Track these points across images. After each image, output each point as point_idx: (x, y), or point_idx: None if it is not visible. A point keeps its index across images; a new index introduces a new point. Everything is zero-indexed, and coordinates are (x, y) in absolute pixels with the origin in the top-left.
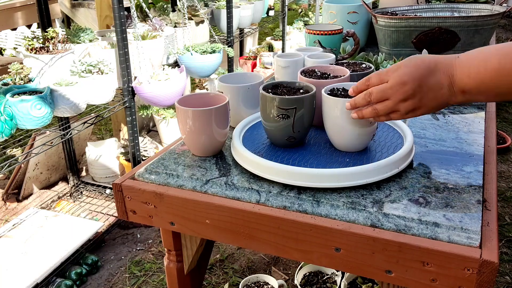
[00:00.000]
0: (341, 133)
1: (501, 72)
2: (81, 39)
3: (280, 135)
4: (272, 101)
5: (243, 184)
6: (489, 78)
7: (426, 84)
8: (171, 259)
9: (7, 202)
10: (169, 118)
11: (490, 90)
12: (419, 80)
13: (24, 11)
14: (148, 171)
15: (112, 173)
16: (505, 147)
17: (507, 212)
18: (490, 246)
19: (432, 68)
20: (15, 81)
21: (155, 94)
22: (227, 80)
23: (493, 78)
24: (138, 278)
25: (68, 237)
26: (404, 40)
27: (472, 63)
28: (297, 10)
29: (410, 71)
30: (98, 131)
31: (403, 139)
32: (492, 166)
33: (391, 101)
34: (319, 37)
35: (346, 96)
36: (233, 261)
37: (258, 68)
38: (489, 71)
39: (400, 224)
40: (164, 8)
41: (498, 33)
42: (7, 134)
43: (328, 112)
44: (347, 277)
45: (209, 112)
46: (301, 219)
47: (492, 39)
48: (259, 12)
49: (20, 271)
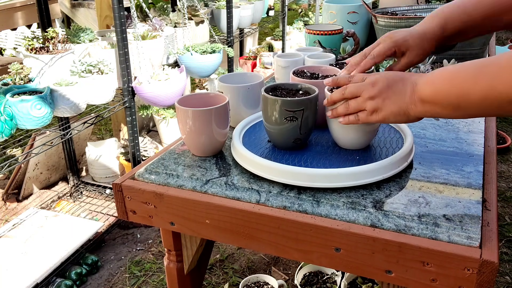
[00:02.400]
0: (346, 131)
1: (451, 82)
2: (81, 39)
3: (287, 137)
4: (277, 103)
5: (243, 184)
6: (441, 86)
7: (393, 87)
8: (171, 259)
9: (7, 202)
10: (169, 118)
11: (442, 100)
12: (388, 82)
13: (24, 11)
14: (148, 171)
15: (112, 173)
16: (505, 147)
17: (507, 212)
18: (490, 246)
19: (406, 76)
20: (15, 81)
21: (155, 94)
22: (227, 80)
23: (444, 87)
24: (138, 278)
25: (68, 237)
26: None
27: (433, 74)
28: (297, 10)
29: (386, 75)
30: (98, 131)
31: (403, 139)
32: (492, 166)
33: (361, 98)
34: (319, 37)
35: None
36: (233, 261)
37: (258, 68)
38: (442, 80)
39: (400, 224)
40: (164, 8)
41: (498, 33)
42: (7, 134)
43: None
44: (347, 277)
45: (209, 112)
46: (301, 219)
47: (492, 39)
48: (259, 12)
49: (20, 271)
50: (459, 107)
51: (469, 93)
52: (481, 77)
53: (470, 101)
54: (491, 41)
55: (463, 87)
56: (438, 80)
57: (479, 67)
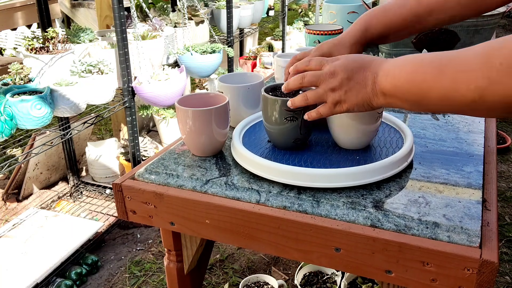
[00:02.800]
0: (346, 131)
1: (411, 80)
2: (81, 39)
3: (287, 137)
4: (277, 103)
5: (243, 184)
6: (401, 82)
7: (354, 78)
8: (171, 259)
9: (7, 202)
10: (169, 118)
11: (402, 96)
12: (348, 73)
13: (24, 11)
14: (148, 171)
15: (112, 173)
16: (505, 147)
17: (507, 212)
18: (490, 246)
19: (365, 64)
20: (15, 81)
21: (155, 94)
22: (227, 80)
23: (404, 84)
24: (138, 278)
25: (68, 237)
26: (404, 40)
27: (394, 65)
28: (297, 10)
29: (344, 63)
30: (98, 131)
31: (403, 139)
32: (492, 166)
33: (321, 89)
34: (319, 37)
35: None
36: (233, 261)
37: (258, 68)
38: (402, 75)
39: (400, 224)
40: (164, 8)
41: (498, 33)
42: (7, 134)
43: None
44: (347, 277)
45: (209, 112)
46: (301, 219)
47: (492, 39)
48: (259, 12)
49: (20, 271)
50: (420, 104)
51: (429, 92)
52: (442, 77)
53: (430, 100)
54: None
55: (423, 87)
56: (399, 74)
57: (442, 64)
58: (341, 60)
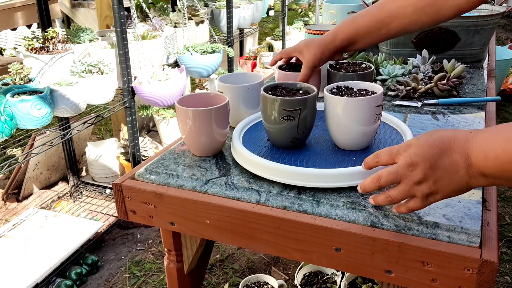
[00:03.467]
0: (345, 131)
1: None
2: (81, 39)
3: (284, 136)
4: (275, 102)
5: (243, 184)
6: (508, 163)
7: (438, 166)
8: (171, 259)
9: (7, 202)
10: (169, 118)
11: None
12: (430, 161)
13: (24, 11)
14: (148, 171)
15: (112, 173)
16: None
17: (507, 212)
18: (490, 246)
19: (446, 148)
20: (15, 81)
21: (155, 94)
22: (227, 80)
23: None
24: (138, 278)
25: (68, 237)
26: (404, 40)
27: (488, 144)
28: (297, 10)
29: (421, 152)
30: (98, 131)
31: (403, 139)
32: None
33: (404, 184)
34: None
35: (348, 94)
36: (233, 261)
37: (258, 68)
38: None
39: (400, 224)
40: (164, 8)
41: (498, 33)
42: (7, 134)
43: (331, 111)
44: (347, 277)
45: (209, 112)
46: (301, 219)
47: (492, 39)
48: (259, 12)
49: (20, 271)
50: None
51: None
52: None
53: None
54: (491, 41)
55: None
56: (502, 156)
57: None
58: (414, 147)
